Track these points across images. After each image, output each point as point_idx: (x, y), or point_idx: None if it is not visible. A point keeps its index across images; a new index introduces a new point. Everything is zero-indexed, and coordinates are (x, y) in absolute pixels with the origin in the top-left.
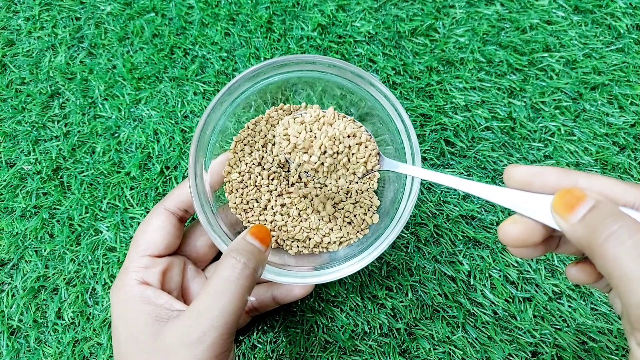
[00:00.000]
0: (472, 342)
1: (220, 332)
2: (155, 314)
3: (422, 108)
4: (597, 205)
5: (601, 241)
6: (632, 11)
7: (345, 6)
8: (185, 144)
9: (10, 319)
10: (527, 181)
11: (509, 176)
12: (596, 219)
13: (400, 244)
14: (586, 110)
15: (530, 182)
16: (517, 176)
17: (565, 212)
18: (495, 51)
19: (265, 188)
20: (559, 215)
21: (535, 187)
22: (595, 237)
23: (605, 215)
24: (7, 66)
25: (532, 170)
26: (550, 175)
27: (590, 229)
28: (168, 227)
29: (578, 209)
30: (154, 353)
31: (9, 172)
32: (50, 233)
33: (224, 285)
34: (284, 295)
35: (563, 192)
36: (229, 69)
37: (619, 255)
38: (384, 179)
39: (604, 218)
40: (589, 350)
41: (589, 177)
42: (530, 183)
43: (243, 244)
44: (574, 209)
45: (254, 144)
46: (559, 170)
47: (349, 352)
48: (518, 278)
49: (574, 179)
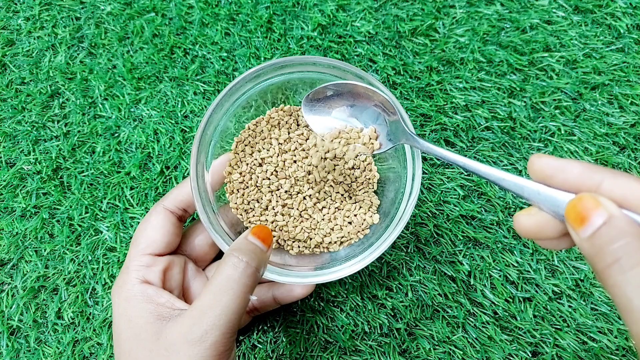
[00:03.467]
0: (472, 342)
1: (223, 330)
2: (157, 313)
3: (422, 108)
4: (609, 221)
5: (605, 265)
6: (632, 11)
7: (346, 6)
8: (185, 144)
9: (10, 319)
10: (548, 174)
11: (531, 166)
12: (604, 239)
13: (400, 244)
14: (586, 110)
15: (551, 175)
16: (537, 167)
17: (576, 224)
18: (496, 51)
19: (267, 188)
20: (570, 226)
21: (556, 182)
22: (600, 260)
23: (613, 237)
24: (7, 66)
25: (555, 164)
26: (573, 170)
27: (596, 250)
28: (167, 226)
29: (588, 224)
30: (156, 351)
31: (9, 172)
32: (50, 233)
33: (226, 284)
34: (284, 296)
35: (577, 201)
36: (229, 68)
37: (622, 285)
38: (384, 179)
39: (611, 240)
40: (589, 350)
41: (615, 177)
42: (550, 177)
43: (245, 244)
44: (584, 224)
45: (255, 144)
46: (583, 166)
47: (349, 352)
48: (518, 278)
49: (598, 178)
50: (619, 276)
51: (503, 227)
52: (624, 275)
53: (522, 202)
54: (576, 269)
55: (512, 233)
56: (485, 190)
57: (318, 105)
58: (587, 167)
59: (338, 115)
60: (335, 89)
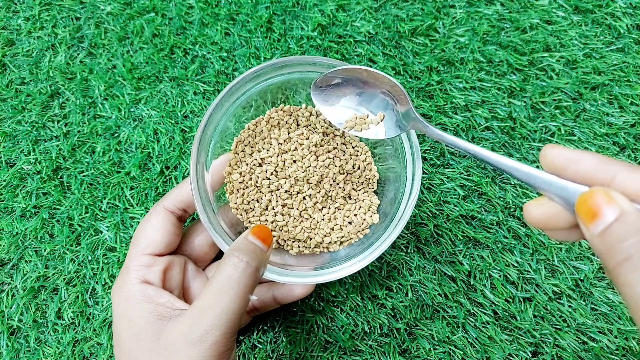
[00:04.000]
0: (472, 342)
1: (223, 330)
2: (157, 313)
3: (422, 108)
4: (621, 217)
5: (616, 263)
6: (632, 11)
7: (345, 6)
8: (185, 144)
9: (10, 319)
10: (560, 165)
11: (543, 156)
12: (615, 236)
13: (400, 244)
14: (586, 110)
15: (564, 167)
16: (550, 158)
17: (587, 219)
18: (496, 51)
19: (267, 188)
20: (581, 220)
21: (569, 174)
22: (611, 257)
23: (625, 234)
24: (7, 66)
25: (568, 155)
26: (586, 162)
27: (607, 247)
28: (167, 226)
29: (600, 220)
30: (156, 351)
31: (9, 172)
32: (50, 233)
33: (227, 284)
34: (284, 295)
35: (588, 195)
36: (229, 68)
37: (634, 283)
38: (384, 179)
39: (623, 237)
40: (589, 350)
41: (630, 171)
42: (563, 168)
43: (245, 243)
44: (595, 219)
45: (255, 144)
46: (597, 158)
47: (349, 352)
48: (518, 278)
49: (612, 171)
50: (631, 274)
51: (503, 227)
52: (636, 273)
53: (522, 202)
54: (576, 269)
55: (512, 233)
56: (486, 190)
57: (327, 92)
58: (601, 159)
59: (347, 103)
60: (343, 75)
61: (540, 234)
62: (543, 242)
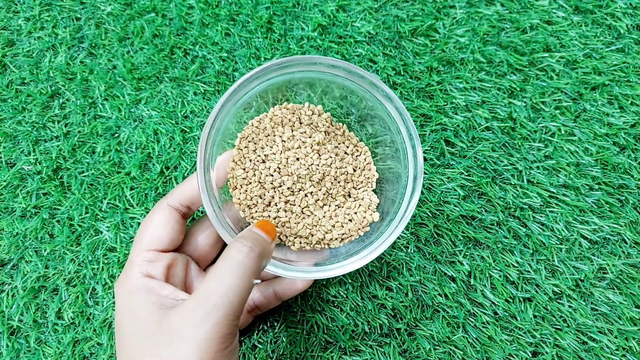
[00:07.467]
0: (473, 342)
1: (224, 312)
2: (159, 303)
3: (423, 108)
4: None
5: None
6: (632, 11)
7: (346, 6)
8: (185, 144)
9: (10, 319)
10: None
11: None
12: None
13: (400, 244)
14: (586, 110)
15: None
16: None
17: None
18: (496, 51)
19: (270, 185)
20: None
21: None
22: None
23: None
24: (7, 66)
25: None
26: None
27: None
28: (171, 223)
29: None
30: (159, 338)
31: (9, 172)
32: (50, 233)
33: (230, 266)
34: (285, 290)
35: None
36: (229, 69)
37: None
38: (383, 179)
39: None
40: (589, 351)
41: None
42: None
43: (249, 233)
44: None
45: (259, 141)
46: None
47: (349, 352)
48: (518, 278)
49: None
50: None
51: (503, 228)
52: None
53: (522, 202)
54: (576, 269)
55: (512, 233)
56: (486, 191)
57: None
58: None
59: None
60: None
61: (540, 234)
62: (543, 243)
